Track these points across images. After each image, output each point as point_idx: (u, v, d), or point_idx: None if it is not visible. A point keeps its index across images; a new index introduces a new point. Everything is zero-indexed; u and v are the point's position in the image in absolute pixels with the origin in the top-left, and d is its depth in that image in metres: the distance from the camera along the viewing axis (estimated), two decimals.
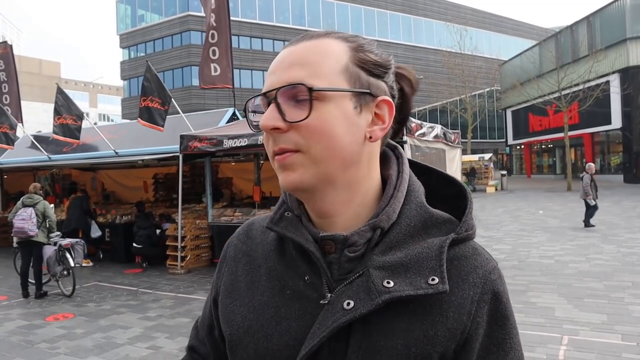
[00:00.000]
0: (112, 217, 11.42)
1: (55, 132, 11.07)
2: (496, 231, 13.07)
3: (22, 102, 15.47)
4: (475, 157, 32.73)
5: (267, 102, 0.78)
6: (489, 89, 49.41)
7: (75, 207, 10.95)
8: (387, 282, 0.74)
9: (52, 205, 9.08)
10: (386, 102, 0.81)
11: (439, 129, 9.30)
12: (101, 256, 11.29)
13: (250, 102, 0.84)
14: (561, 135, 28.90)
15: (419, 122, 8.30)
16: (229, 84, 10.89)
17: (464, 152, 28.67)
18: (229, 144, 8.41)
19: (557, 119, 32.59)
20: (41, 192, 8.33)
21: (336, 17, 48.90)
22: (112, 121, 73.01)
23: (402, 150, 0.90)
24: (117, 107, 70.27)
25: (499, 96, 48.45)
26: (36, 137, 13.55)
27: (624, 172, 28.77)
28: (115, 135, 11.94)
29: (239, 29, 40.65)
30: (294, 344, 0.78)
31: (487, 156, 32.29)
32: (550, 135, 36.49)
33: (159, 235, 10.22)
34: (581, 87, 26.61)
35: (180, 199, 9.47)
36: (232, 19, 11.39)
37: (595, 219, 12.96)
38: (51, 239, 8.05)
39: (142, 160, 10.36)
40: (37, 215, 7.79)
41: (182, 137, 9.03)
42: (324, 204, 0.80)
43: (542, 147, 41.11)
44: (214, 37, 10.81)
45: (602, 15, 30.05)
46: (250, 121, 0.84)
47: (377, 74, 0.81)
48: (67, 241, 8.08)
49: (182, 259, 9.52)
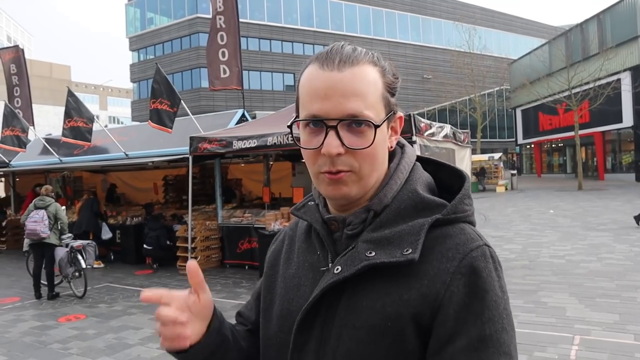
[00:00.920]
0: (123, 219, 11.49)
1: (65, 134, 11.16)
2: (506, 231, 13.00)
3: (33, 105, 15.63)
4: (485, 156, 32.60)
5: (324, 127, 0.89)
6: (498, 88, 49.19)
7: (86, 209, 11.04)
8: (370, 253, 0.89)
9: (63, 207, 9.15)
10: (400, 117, 0.99)
11: (448, 129, 9.26)
12: (112, 257, 11.38)
13: (298, 123, 0.95)
14: (572, 134, 28.69)
15: (428, 122, 8.27)
16: (239, 86, 10.92)
17: (474, 151, 28.55)
18: (238, 145, 8.44)
19: (567, 118, 32.36)
20: (52, 194, 8.41)
21: (344, 17, 48.90)
22: (122, 123, 73.56)
23: (408, 147, 1.04)
24: (127, 110, 70.74)
25: (508, 95, 48.23)
26: (47, 139, 13.68)
27: (636, 170, 28.51)
28: (125, 137, 12.02)
29: (247, 30, 40.74)
30: (305, 305, 0.95)
31: (497, 156, 32.15)
32: (560, 134, 36.24)
33: (168, 236, 10.28)
34: (592, 85, 26.40)
35: (190, 200, 9.51)
36: (240, 20, 11.43)
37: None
38: (63, 241, 8.12)
39: (152, 162, 10.42)
40: (49, 217, 7.87)
41: (191, 138, 9.07)
42: (351, 203, 0.95)
43: (553, 146, 40.84)
44: (222, 39, 10.85)
45: (612, 12, 29.82)
46: (295, 139, 0.97)
47: (393, 94, 0.96)
48: (78, 243, 8.15)
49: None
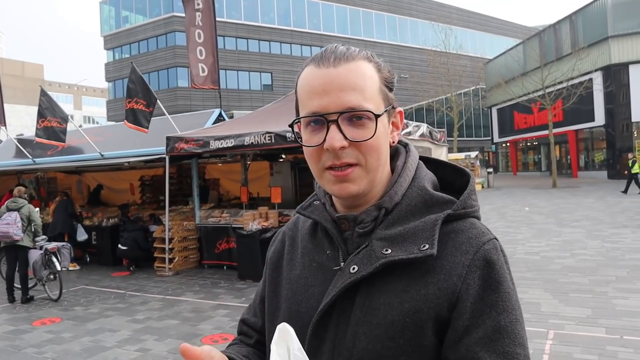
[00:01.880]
0: (99, 220, 11.32)
1: (38, 135, 10.96)
2: None
3: (5, 105, 15.30)
4: (461, 155, 32.89)
5: (325, 122, 0.90)
6: (474, 88, 49.72)
7: (60, 211, 10.86)
8: (386, 250, 0.89)
9: (37, 209, 9.00)
10: (400, 111, 1.00)
11: (424, 128, 9.36)
12: (88, 259, 11.21)
13: (302, 121, 0.95)
14: (546, 132, 29.17)
15: (405, 121, 8.35)
16: (215, 85, 10.87)
17: (450, 150, 28.87)
18: (215, 145, 8.40)
19: (541, 117, 32.91)
20: (26, 195, 8.25)
21: (322, 17, 48.90)
22: (98, 123, 72.46)
23: (412, 147, 1.06)
24: (102, 109, 69.70)
25: (484, 94, 48.79)
26: (20, 140, 13.41)
27: (608, 168, 29.11)
28: (100, 137, 11.86)
29: (224, 29, 40.47)
30: (316, 305, 0.94)
31: (474, 154, 32.50)
32: (535, 132, 36.83)
33: (145, 237, 10.17)
34: (565, 85, 26.89)
35: (167, 200, 9.44)
36: (217, 19, 11.37)
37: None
38: (37, 243, 7.98)
39: (128, 162, 10.30)
40: (22, 219, 7.71)
41: (168, 138, 8.99)
42: (359, 200, 0.96)
43: (528, 144, 41.47)
44: (200, 37, 10.78)
45: (584, 13, 30.39)
46: (297, 137, 0.98)
47: (391, 88, 0.98)
48: (53, 245, 8.01)
49: (170, 260, 9.49)
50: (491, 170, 32.95)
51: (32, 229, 7.93)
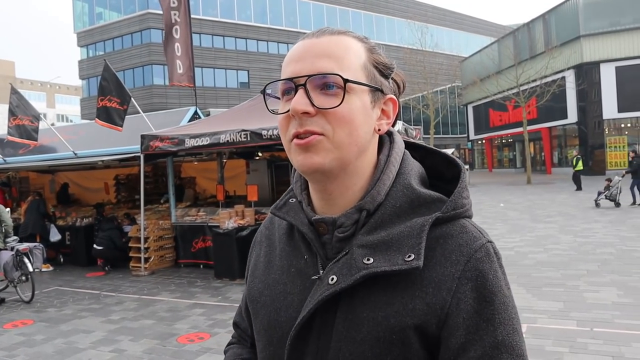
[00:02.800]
0: (73, 220, 11.14)
1: (10, 133, 10.73)
2: None
3: None
4: None
5: (294, 88, 0.84)
6: (450, 85, 50.21)
7: (32, 211, 10.65)
8: (368, 259, 0.81)
9: (8, 209, 8.82)
10: (392, 100, 0.91)
11: (399, 125, 9.40)
12: (62, 260, 11.02)
13: (270, 86, 0.89)
14: (520, 129, 29.63)
15: None
16: (190, 83, 10.79)
17: None
18: (190, 143, 8.33)
19: (516, 114, 33.40)
20: None
21: (299, 14, 48.83)
22: (71, 122, 71.17)
23: (396, 136, 0.96)
24: (76, 108, 68.49)
25: (460, 92, 49.33)
26: None
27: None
28: (74, 136, 11.66)
29: (200, 27, 40.14)
30: (296, 315, 0.87)
31: (450, 151, 32.62)
32: (510, 130, 37.37)
33: (120, 236, 10.04)
34: (538, 82, 27.37)
35: (142, 199, 9.33)
36: (193, 16, 11.28)
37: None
38: (8, 244, 7.82)
39: (103, 161, 10.16)
40: None
41: (143, 137, 8.89)
42: (332, 187, 0.87)
43: (503, 141, 42.06)
44: (177, 33, 10.69)
45: (557, 13, 30.93)
46: (266, 105, 0.90)
47: (385, 75, 0.91)
48: (24, 246, 7.85)
49: (146, 260, 9.39)
50: (467, 167, 33.36)
51: (3, 230, 7.78)
